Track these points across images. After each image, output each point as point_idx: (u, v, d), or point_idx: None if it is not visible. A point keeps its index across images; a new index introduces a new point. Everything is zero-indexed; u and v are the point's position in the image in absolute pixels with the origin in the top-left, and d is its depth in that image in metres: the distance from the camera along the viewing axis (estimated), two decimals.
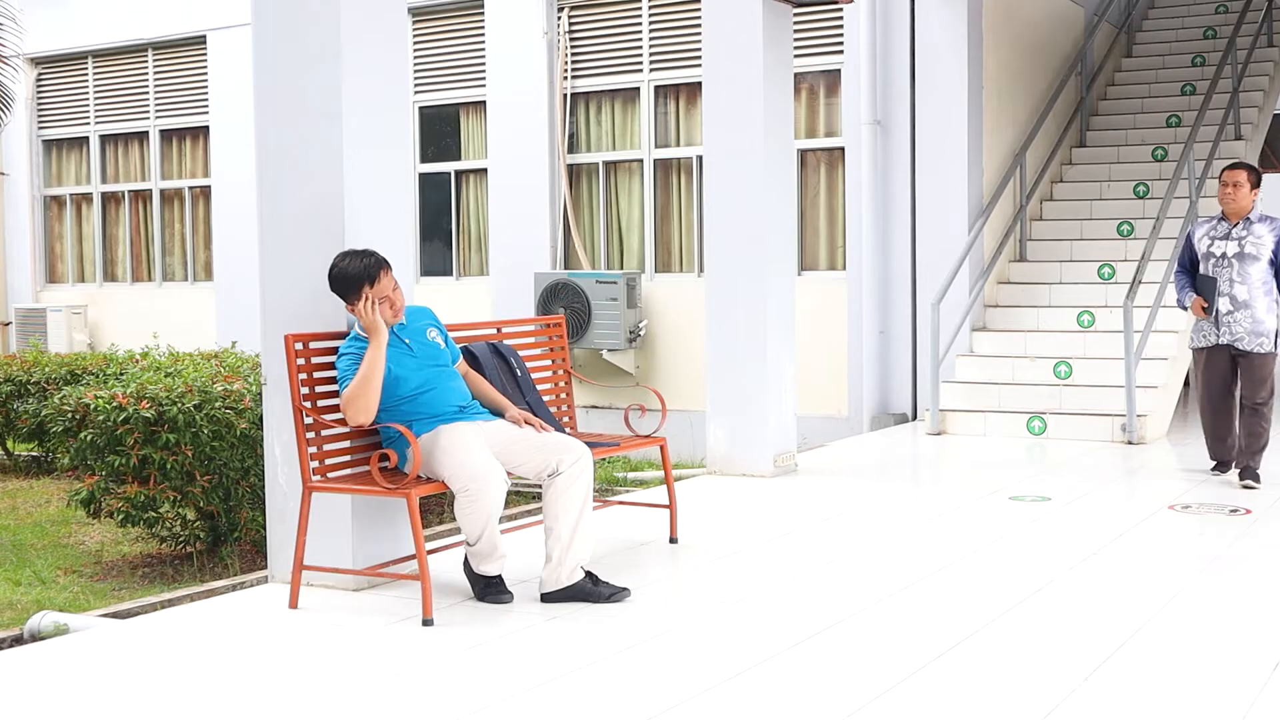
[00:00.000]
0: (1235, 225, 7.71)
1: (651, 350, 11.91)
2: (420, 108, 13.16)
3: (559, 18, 12.42)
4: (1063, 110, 12.32)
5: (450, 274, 13.22)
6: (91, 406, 6.82)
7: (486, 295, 12.61)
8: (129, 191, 15.55)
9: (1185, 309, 7.81)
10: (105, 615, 5.51)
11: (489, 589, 5.18)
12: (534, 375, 6.16)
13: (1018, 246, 11.34)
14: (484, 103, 12.79)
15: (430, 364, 5.26)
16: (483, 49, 12.76)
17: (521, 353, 6.13)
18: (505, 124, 12.58)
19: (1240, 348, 7.60)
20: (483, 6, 12.70)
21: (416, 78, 13.10)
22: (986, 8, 10.94)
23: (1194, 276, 7.75)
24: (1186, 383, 11.99)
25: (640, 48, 12.14)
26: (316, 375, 5.22)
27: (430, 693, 4.16)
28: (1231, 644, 4.59)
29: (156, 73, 15.17)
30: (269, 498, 5.59)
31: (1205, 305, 7.58)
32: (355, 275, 5.09)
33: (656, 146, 12.11)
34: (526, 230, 12.48)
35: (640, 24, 12.12)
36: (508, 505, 7.22)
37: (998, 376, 10.21)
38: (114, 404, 6.72)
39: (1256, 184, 7.70)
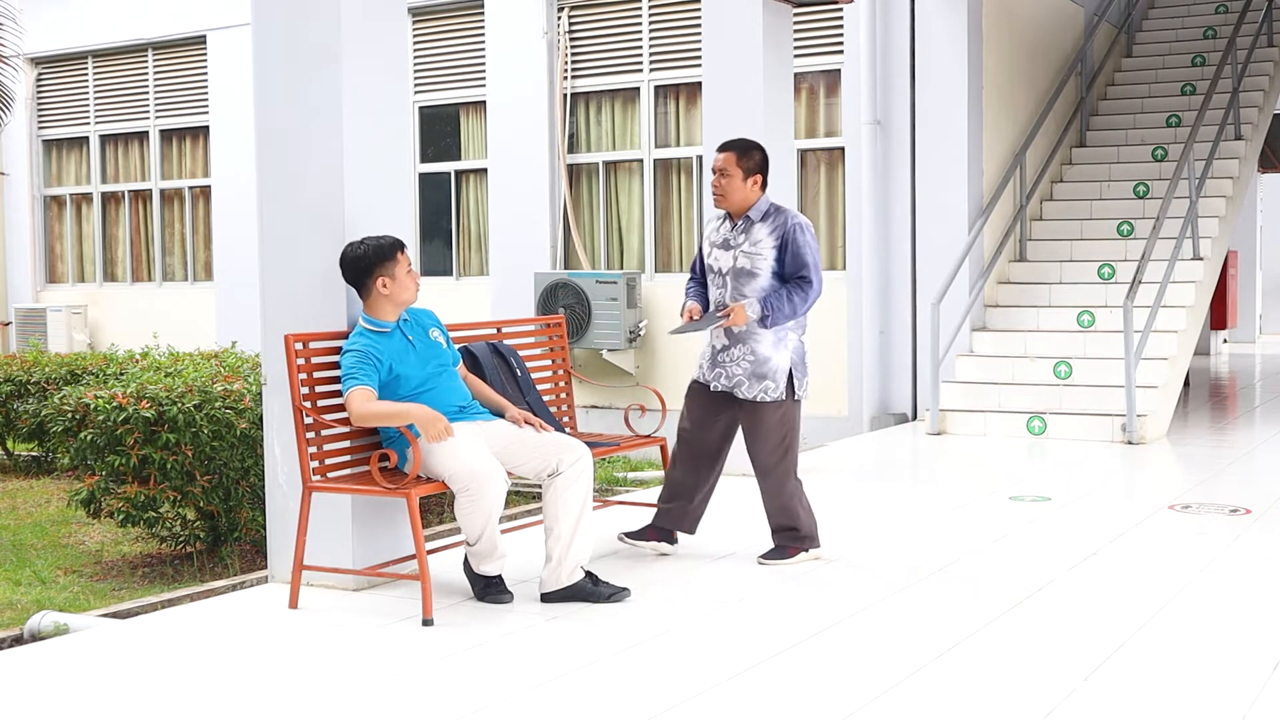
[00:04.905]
0: (735, 226, 5.65)
1: (651, 350, 11.91)
2: (420, 108, 13.16)
3: (559, 18, 12.42)
4: (1063, 110, 12.31)
5: (450, 274, 13.22)
6: (91, 406, 6.82)
7: (486, 295, 12.61)
8: (129, 191, 15.55)
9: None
10: (105, 615, 5.52)
11: (489, 589, 5.18)
12: (534, 375, 6.16)
13: (1018, 246, 11.34)
14: (484, 103, 12.79)
15: (431, 362, 5.26)
16: (482, 49, 12.76)
17: (521, 353, 6.13)
18: (505, 124, 12.58)
19: (740, 395, 5.63)
20: (483, 6, 12.70)
21: (416, 78, 13.10)
22: (986, 8, 10.93)
23: (706, 287, 5.83)
24: (1187, 382, 12.03)
25: (640, 48, 12.14)
26: (316, 375, 5.22)
27: (430, 693, 4.16)
28: (1231, 644, 4.59)
29: (156, 73, 15.17)
30: (269, 498, 5.59)
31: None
32: (384, 245, 5.12)
33: (656, 146, 12.11)
34: (526, 230, 12.49)
35: (640, 24, 12.12)
36: (508, 505, 7.23)
37: (998, 376, 10.20)
38: (114, 404, 6.72)
39: (757, 169, 5.54)
